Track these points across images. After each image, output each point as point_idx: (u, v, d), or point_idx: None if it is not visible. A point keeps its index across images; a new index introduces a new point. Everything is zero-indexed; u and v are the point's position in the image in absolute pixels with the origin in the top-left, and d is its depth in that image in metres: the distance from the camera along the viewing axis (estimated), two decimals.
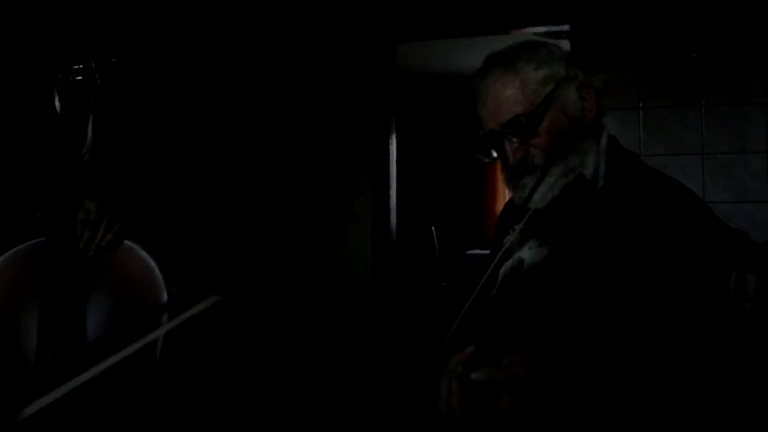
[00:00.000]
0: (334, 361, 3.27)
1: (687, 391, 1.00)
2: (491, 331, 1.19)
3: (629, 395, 0.98)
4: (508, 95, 1.20)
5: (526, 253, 1.25)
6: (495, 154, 1.27)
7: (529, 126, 1.19)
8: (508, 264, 1.27)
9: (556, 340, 1.10)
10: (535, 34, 3.39)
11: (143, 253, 1.39)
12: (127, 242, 1.39)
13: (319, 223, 3.42)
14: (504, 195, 6.78)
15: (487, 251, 1.43)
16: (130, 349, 1.07)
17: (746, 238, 1.30)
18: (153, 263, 1.38)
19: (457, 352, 1.01)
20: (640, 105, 3.04)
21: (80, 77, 1.31)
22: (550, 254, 1.21)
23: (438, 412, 0.99)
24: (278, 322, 3.30)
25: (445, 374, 0.99)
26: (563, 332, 1.10)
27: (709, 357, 1.03)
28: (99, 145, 1.38)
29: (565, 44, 3.16)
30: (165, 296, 1.36)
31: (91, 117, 1.33)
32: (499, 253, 1.21)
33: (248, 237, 3.42)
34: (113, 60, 1.35)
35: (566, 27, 3.17)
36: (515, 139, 1.21)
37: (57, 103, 1.32)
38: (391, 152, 3.57)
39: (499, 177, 7.08)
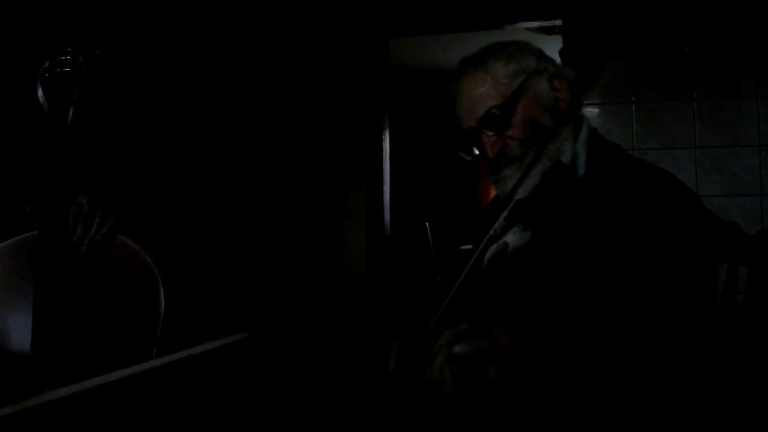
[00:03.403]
0: (327, 357, 3.26)
1: (667, 375, 1.02)
2: (479, 310, 1.22)
3: (610, 368, 1.00)
4: (482, 92, 1.24)
5: (511, 238, 1.28)
6: (476, 151, 1.31)
7: (503, 118, 1.22)
8: (492, 248, 1.30)
9: (540, 315, 1.13)
10: (527, 29, 3.39)
11: (137, 248, 1.38)
12: (121, 237, 1.38)
13: (313, 219, 3.42)
14: None
15: None
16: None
17: (738, 230, 1.31)
18: (147, 258, 1.37)
19: (450, 327, 1.03)
20: (633, 99, 3.05)
21: (65, 68, 1.29)
22: (533, 237, 1.24)
23: (427, 381, 1.01)
24: (272, 318, 3.30)
25: (436, 346, 1.02)
26: (546, 308, 1.13)
27: (686, 340, 1.04)
28: (90, 139, 1.37)
29: (558, 39, 3.16)
30: (161, 292, 1.35)
31: (73, 109, 1.31)
32: (485, 240, 1.24)
33: (241, 231, 3.41)
34: (97, 52, 1.33)
35: (558, 22, 3.17)
36: (491, 133, 1.24)
37: (40, 95, 1.30)
38: (384, 148, 3.57)
39: None
